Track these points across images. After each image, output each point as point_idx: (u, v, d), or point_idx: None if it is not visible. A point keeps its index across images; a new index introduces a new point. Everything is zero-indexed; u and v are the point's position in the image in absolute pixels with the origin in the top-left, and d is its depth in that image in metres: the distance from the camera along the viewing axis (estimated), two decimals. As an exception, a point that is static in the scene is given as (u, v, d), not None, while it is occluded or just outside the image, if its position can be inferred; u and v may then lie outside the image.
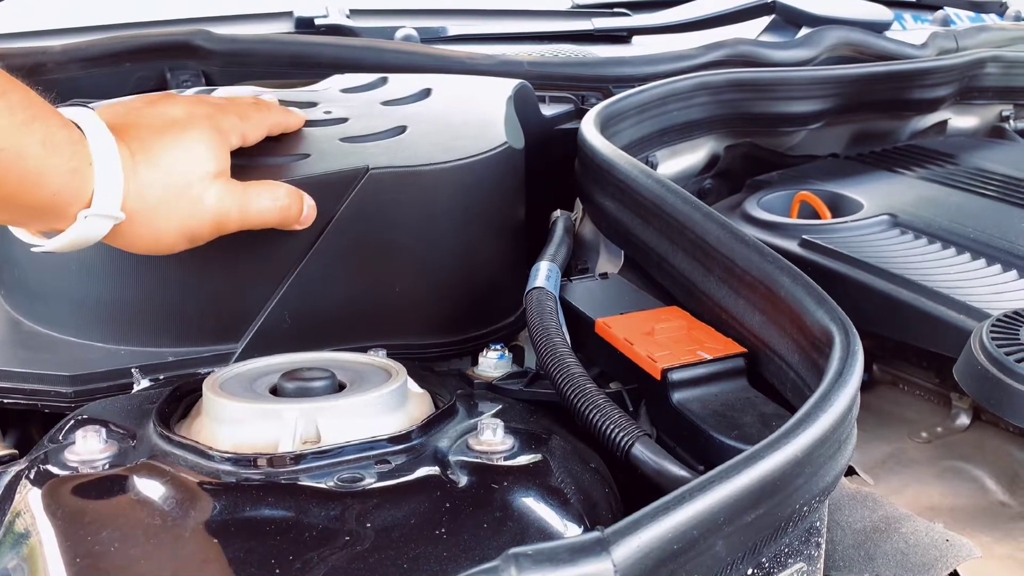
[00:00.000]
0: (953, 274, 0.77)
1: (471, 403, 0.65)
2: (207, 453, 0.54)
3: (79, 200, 0.60)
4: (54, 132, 0.58)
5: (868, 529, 0.61)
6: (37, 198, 0.58)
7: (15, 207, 0.59)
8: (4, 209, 0.59)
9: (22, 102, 0.57)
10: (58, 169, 0.58)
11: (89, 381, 0.69)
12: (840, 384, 0.49)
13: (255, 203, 0.67)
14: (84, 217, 0.60)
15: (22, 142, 0.56)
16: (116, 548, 0.47)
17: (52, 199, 0.59)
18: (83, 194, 0.60)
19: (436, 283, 0.78)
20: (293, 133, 0.79)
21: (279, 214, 0.68)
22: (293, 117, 0.80)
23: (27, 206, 0.59)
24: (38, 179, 0.57)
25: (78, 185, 0.59)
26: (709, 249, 0.68)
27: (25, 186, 0.57)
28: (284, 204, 0.69)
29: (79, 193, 0.60)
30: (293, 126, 0.80)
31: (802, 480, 0.46)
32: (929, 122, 1.27)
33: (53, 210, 0.60)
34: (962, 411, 0.77)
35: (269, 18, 1.36)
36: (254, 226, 0.68)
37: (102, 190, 0.60)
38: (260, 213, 0.68)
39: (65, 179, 0.59)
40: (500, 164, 0.80)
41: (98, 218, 0.61)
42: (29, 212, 0.60)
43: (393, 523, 0.49)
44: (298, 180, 0.71)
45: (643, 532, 0.39)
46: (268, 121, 0.76)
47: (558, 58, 1.26)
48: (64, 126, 0.59)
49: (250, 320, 0.72)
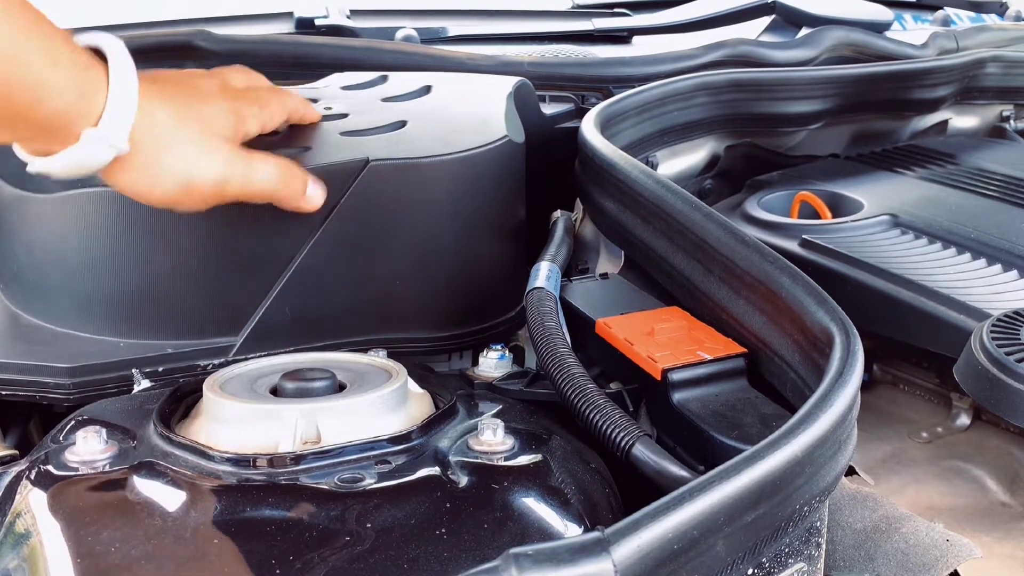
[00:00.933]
0: (953, 274, 0.77)
1: (471, 403, 0.65)
2: (208, 454, 0.54)
3: (86, 120, 0.59)
4: (59, 46, 0.57)
5: (868, 529, 0.61)
6: (38, 112, 0.57)
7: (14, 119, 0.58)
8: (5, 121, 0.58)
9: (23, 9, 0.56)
10: (63, 84, 0.57)
11: (88, 373, 0.69)
12: (840, 384, 0.49)
13: (260, 172, 0.66)
14: (88, 137, 0.59)
15: (22, 49, 0.55)
16: (116, 548, 0.47)
17: (57, 116, 0.58)
18: (91, 115, 0.59)
19: (436, 276, 0.78)
20: (294, 127, 0.79)
21: (282, 189, 0.68)
22: (312, 108, 0.81)
23: (24, 119, 0.58)
24: (40, 92, 0.56)
25: (86, 105, 0.58)
26: (709, 249, 0.68)
27: (21, 97, 0.56)
28: (286, 179, 0.68)
29: (87, 113, 0.59)
30: (311, 117, 0.80)
31: (802, 480, 0.46)
32: (929, 122, 1.27)
33: (55, 128, 0.58)
34: (962, 411, 0.77)
35: (269, 19, 1.36)
36: (254, 196, 0.67)
37: (112, 112, 0.59)
38: (263, 183, 0.67)
39: (73, 96, 0.58)
40: (500, 157, 0.80)
41: (102, 142, 0.59)
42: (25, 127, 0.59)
43: (393, 523, 0.49)
44: None
45: (643, 532, 0.40)
46: (287, 109, 0.76)
47: (558, 58, 1.26)
48: (69, 43, 0.58)
49: (249, 313, 0.72)
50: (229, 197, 0.66)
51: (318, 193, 0.70)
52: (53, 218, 0.72)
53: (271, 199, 0.68)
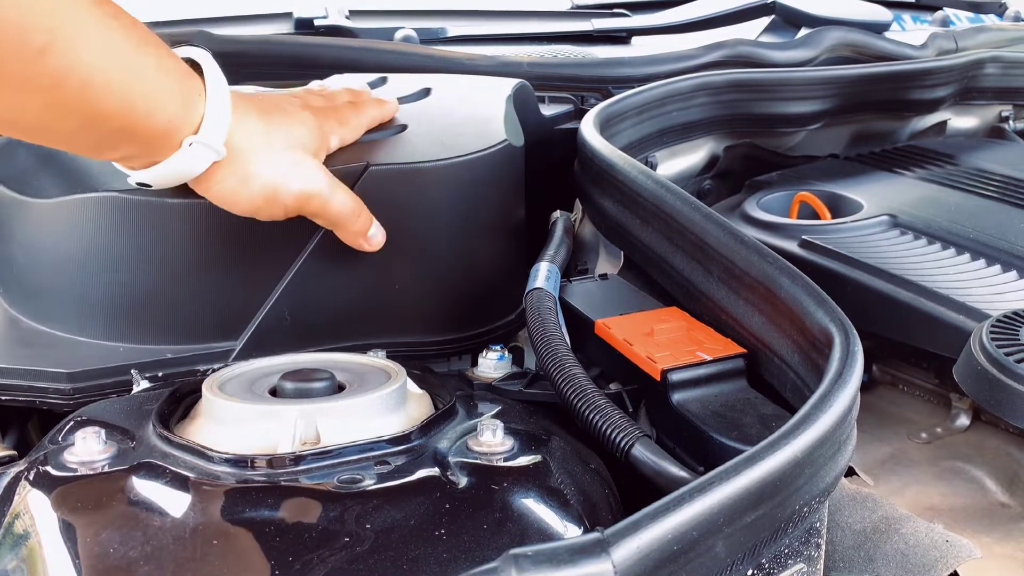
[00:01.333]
0: (953, 274, 0.77)
1: (471, 404, 0.65)
2: (207, 454, 0.54)
3: (187, 128, 0.61)
4: (165, 58, 0.60)
5: (868, 530, 0.61)
6: (151, 123, 0.59)
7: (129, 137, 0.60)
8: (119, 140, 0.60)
9: (134, 25, 0.58)
10: (171, 94, 0.60)
11: (88, 378, 0.69)
12: (840, 385, 0.49)
13: (338, 198, 0.69)
14: (189, 144, 0.61)
15: (139, 64, 0.57)
16: (115, 549, 0.47)
17: (166, 125, 0.60)
18: (191, 123, 0.61)
19: (436, 280, 0.78)
20: None
21: (352, 221, 0.70)
22: (388, 108, 0.82)
23: (139, 132, 0.60)
24: (153, 103, 0.59)
25: (188, 113, 0.61)
26: (709, 250, 0.68)
27: (139, 110, 0.58)
28: (358, 212, 0.70)
29: (188, 122, 0.61)
30: (388, 117, 0.82)
31: (802, 481, 0.46)
32: (929, 123, 1.27)
33: (163, 137, 0.61)
34: (962, 412, 0.77)
35: (268, 19, 1.36)
36: (326, 219, 0.69)
37: (211, 119, 0.61)
38: (339, 210, 0.69)
39: (179, 105, 0.60)
40: (500, 161, 0.80)
41: (202, 148, 0.62)
42: (140, 139, 0.61)
43: (393, 524, 0.49)
44: None
45: (643, 533, 0.39)
46: (365, 124, 0.79)
47: (557, 59, 1.26)
48: (171, 54, 0.61)
49: (249, 317, 0.72)
50: (306, 212, 0.68)
51: (379, 235, 0.72)
52: (53, 223, 0.72)
53: (338, 227, 0.70)
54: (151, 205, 0.69)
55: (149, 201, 0.69)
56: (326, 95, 0.80)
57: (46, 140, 0.62)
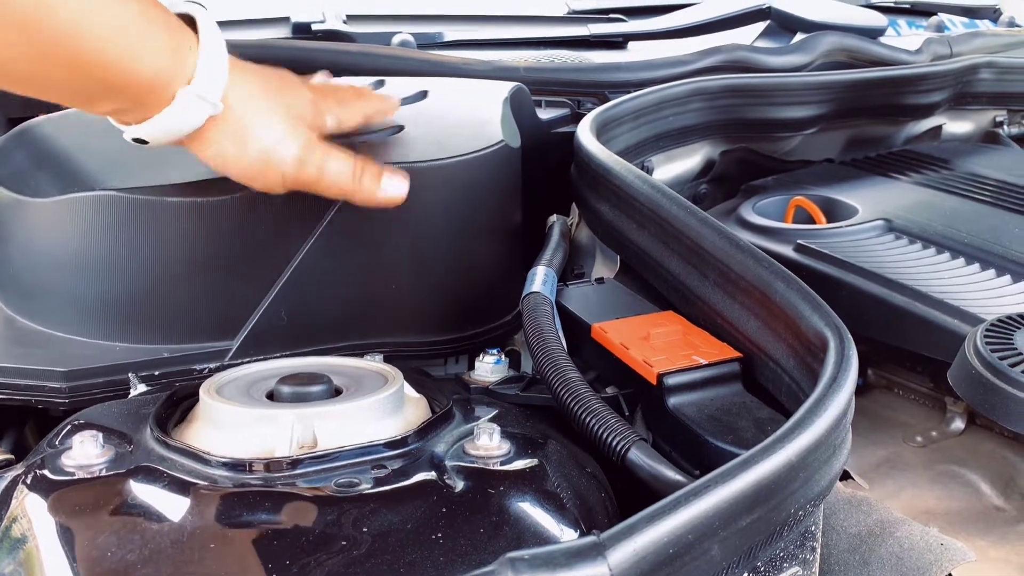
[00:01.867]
0: (947, 279, 0.78)
1: (467, 408, 0.65)
2: (204, 458, 0.54)
3: (179, 80, 0.60)
4: (150, 8, 0.59)
5: (863, 533, 0.61)
6: (137, 73, 0.59)
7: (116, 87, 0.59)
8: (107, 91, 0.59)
9: None
10: (157, 44, 0.59)
11: (84, 377, 0.69)
12: (835, 389, 0.50)
13: (334, 164, 0.68)
14: (183, 96, 0.60)
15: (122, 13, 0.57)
16: (113, 553, 0.47)
17: (153, 76, 0.59)
18: (184, 74, 0.60)
19: (432, 280, 0.78)
20: None
21: (353, 184, 0.68)
22: (389, 103, 0.81)
23: (127, 83, 0.59)
24: (138, 52, 0.58)
25: (178, 65, 0.60)
26: (704, 254, 0.68)
27: (124, 59, 0.58)
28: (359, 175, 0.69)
29: (180, 73, 0.60)
30: (390, 112, 0.81)
31: (797, 484, 0.46)
32: (923, 127, 1.27)
33: (152, 88, 0.60)
34: (957, 415, 0.77)
35: (266, 23, 1.36)
36: (328, 189, 0.68)
37: (205, 67, 0.61)
38: (336, 175, 0.68)
39: (167, 56, 0.59)
40: (496, 162, 0.80)
41: (196, 100, 0.61)
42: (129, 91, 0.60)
43: (390, 528, 0.49)
44: None
45: (639, 536, 0.40)
46: (366, 109, 0.77)
47: (554, 63, 1.27)
48: (159, 6, 0.60)
49: (246, 317, 0.72)
50: (304, 183, 0.67)
51: (394, 185, 0.70)
52: (49, 222, 0.72)
53: (344, 195, 0.69)
54: (148, 204, 0.69)
55: (146, 200, 0.69)
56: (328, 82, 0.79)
57: (37, 92, 0.60)
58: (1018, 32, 1.63)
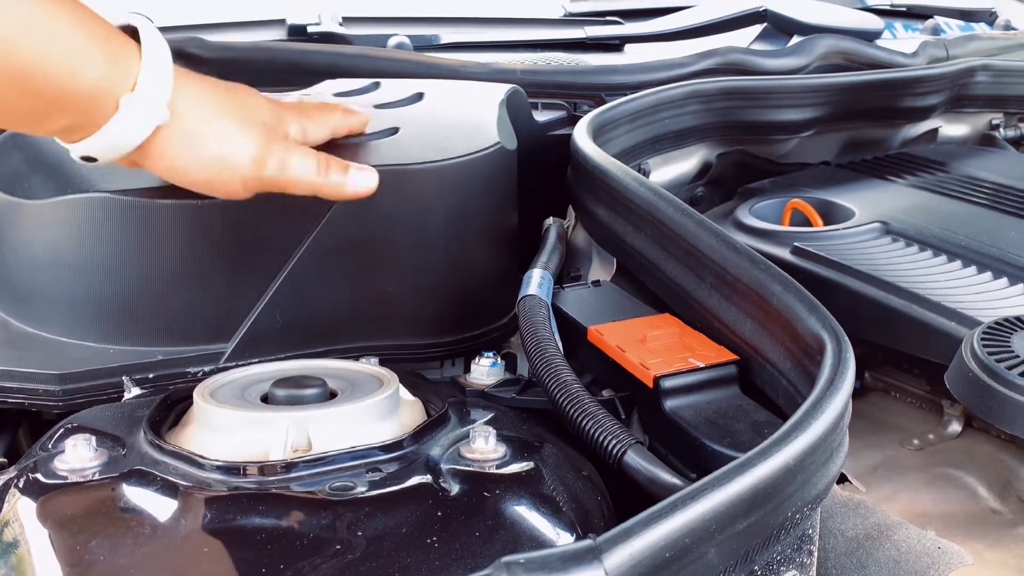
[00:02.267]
0: (944, 281, 0.78)
1: (463, 411, 0.65)
2: (198, 461, 0.54)
3: (121, 89, 0.59)
4: (85, 18, 0.57)
5: (860, 536, 0.61)
6: (76, 85, 0.57)
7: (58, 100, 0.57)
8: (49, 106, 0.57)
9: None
10: (95, 53, 0.57)
11: (78, 380, 0.69)
12: (832, 391, 0.49)
13: (295, 159, 0.66)
14: (127, 103, 0.58)
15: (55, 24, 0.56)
16: (105, 557, 0.47)
17: (93, 86, 0.58)
18: (125, 84, 0.59)
19: (428, 283, 0.78)
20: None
21: (319, 178, 0.67)
22: (356, 118, 0.79)
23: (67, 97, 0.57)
24: (76, 63, 0.57)
25: (119, 74, 0.58)
26: (701, 257, 0.68)
27: (66, 73, 0.56)
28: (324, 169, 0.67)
29: (121, 82, 0.58)
30: (356, 128, 0.79)
31: (794, 488, 0.46)
32: (920, 130, 1.27)
33: (93, 100, 0.58)
34: (953, 418, 0.77)
35: (262, 25, 1.36)
36: (292, 185, 0.66)
37: (148, 74, 0.59)
38: (298, 170, 0.66)
39: (108, 65, 0.58)
40: (493, 164, 0.80)
41: (141, 108, 0.59)
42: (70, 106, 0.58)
43: (385, 531, 0.49)
44: None
45: (635, 540, 0.39)
46: (330, 123, 0.75)
47: (551, 66, 1.27)
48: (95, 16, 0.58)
49: (240, 319, 0.72)
50: (267, 183, 0.65)
51: (363, 179, 0.68)
52: (43, 224, 0.72)
53: (311, 190, 0.67)
54: (142, 206, 0.69)
55: (140, 202, 0.69)
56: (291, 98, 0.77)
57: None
58: (1014, 35, 1.63)
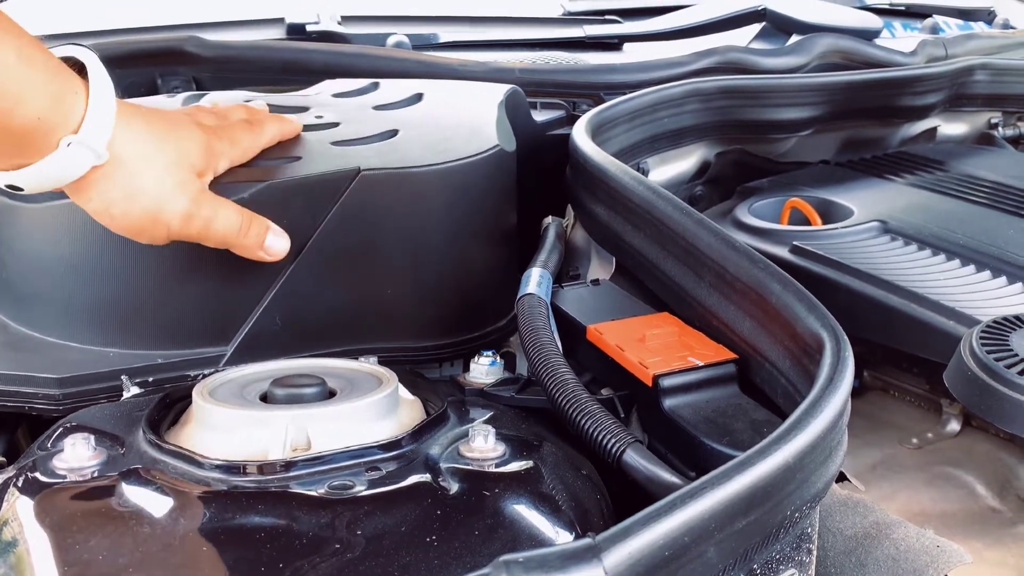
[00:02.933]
0: (943, 280, 0.78)
1: (462, 410, 0.65)
2: (197, 461, 0.54)
3: (65, 128, 0.58)
4: (32, 54, 0.56)
5: (859, 535, 0.61)
6: (18, 119, 0.56)
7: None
8: None
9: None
10: (39, 89, 0.56)
11: (77, 383, 0.69)
12: (831, 390, 0.49)
13: (221, 218, 0.65)
14: (67, 145, 0.57)
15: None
16: (104, 556, 0.47)
17: (35, 122, 0.56)
18: (69, 123, 0.58)
19: (428, 285, 0.78)
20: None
21: (240, 238, 0.67)
22: (288, 126, 0.79)
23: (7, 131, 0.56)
24: (17, 97, 0.55)
25: (63, 111, 0.57)
26: (700, 255, 0.68)
27: (5, 107, 0.55)
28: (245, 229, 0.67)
29: (65, 121, 0.58)
30: (290, 136, 0.79)
31: (793, 486, 0.46)
32: (919, 129, 1.27)
33: (33, 134, 0.57)
34: (952, 417, 0.77)
35: (260, 24, 1.36)
36: (212, 241, 0.66)
37: (93, 115, 0.58)
38: (222, 230, 0.66)
39: (51, 101, 0.57)
40: (492, 166, 0.80)
41: (81, 149, 0.58)
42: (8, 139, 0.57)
43: (384, 530, 0.49)
44: (290, 182, 0.71)
45: (634, 539, 0.39)
46: (260, 145, 0.74)
47: (549, 65, 1.27)
48: (42, 50, 0.57)
49: (240, 322, 0.72)
50: (188, 236, 0.65)
51: (278, 244, 0.69)
52: (42, 227, 0.72)
53: (229, 246, 0.67)
54: None
55: None
56: (218, 112, 0.75)
57: None
58: (1013, 34, 1.63)
